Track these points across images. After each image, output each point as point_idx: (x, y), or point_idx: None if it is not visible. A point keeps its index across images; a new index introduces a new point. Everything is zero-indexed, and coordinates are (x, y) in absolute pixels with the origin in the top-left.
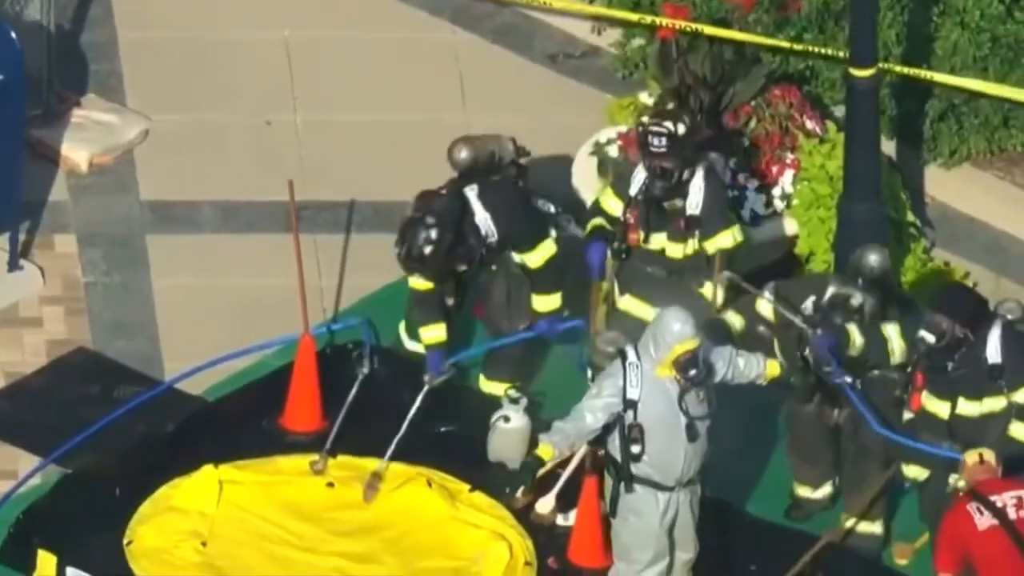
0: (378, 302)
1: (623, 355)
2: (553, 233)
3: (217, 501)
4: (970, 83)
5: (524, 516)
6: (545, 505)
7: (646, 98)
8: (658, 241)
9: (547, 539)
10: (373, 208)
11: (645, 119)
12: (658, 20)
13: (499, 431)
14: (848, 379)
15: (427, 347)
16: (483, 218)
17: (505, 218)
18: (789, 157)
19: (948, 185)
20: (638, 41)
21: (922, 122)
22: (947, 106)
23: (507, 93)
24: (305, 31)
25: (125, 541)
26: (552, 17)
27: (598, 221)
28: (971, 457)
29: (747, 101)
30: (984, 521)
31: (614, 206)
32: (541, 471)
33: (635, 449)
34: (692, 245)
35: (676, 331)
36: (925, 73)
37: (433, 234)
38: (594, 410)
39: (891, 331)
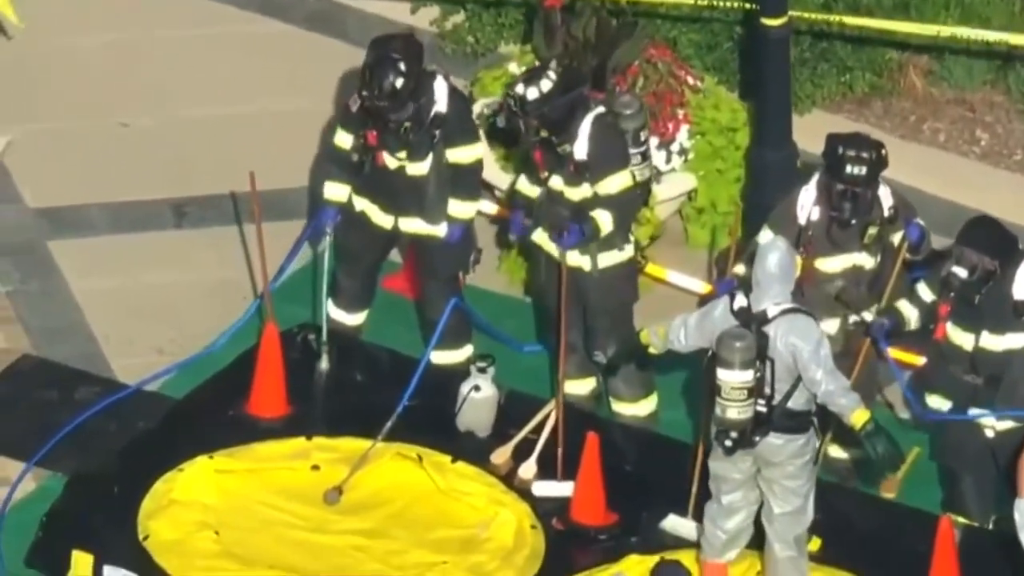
0: (292, 286)
1: (804, 311)
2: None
3: (216, 491)
4: (882, 24)
5: (508, 483)
6: (528, 470)
7: (515, 68)
8: (556, 183)
9: (538, 502)
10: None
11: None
12: None
13: (471, 401)
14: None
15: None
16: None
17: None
18: (680, 112)
19: (803, 131)
20: (457, 18)
21: None
22: (797, 53)
23: (334, 79)
24: (124, 33)
25: (141, 536)
26: (359, 1)
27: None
28: None
29: (632, 63)
30: None
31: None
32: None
33: None
34: (586, 189)
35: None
36: (835, 18)
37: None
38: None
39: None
